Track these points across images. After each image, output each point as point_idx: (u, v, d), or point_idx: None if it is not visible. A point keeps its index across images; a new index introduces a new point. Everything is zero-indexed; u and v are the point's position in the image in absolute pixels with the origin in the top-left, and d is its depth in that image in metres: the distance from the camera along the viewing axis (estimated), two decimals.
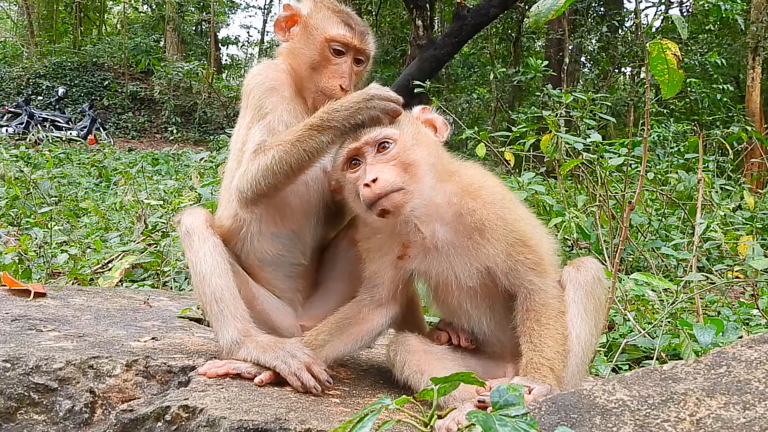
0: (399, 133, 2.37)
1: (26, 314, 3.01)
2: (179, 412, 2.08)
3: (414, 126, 2.46)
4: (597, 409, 1.52)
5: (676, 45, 3.37)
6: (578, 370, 2.32)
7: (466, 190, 2.43)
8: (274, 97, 2.68)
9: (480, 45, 27.25)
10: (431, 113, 2.58)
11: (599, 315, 2.42)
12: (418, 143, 2.40)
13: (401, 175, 2.31)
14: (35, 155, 14.49)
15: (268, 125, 2.61)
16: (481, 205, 2.39)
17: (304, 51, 2.72)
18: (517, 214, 2.47)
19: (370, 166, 2.32)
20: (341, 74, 2.70)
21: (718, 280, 4.79)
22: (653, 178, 8.69)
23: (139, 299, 3.71)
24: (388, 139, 2.35)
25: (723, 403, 1.45)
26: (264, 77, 2.74)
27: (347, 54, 2.73)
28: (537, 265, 2.40)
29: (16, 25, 40.72)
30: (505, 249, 2.37)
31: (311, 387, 2.39)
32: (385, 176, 2.28)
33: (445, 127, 2.56)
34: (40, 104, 25.86)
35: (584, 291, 2.38)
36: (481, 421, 1.46)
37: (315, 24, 2.74)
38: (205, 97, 28.52)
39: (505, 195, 2.51)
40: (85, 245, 6.48)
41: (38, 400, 2.29)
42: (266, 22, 43.23)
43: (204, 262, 2.56)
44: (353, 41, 2.72)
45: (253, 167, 2.50)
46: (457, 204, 2.41)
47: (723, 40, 21.87)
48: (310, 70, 2.71)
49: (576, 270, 2.43)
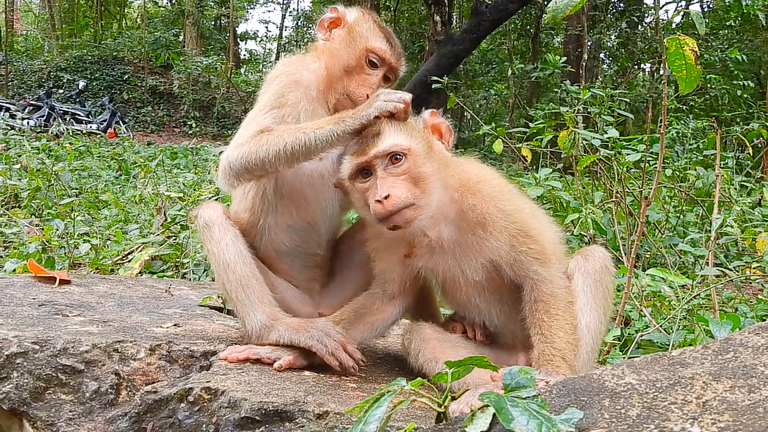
0: (410, 145, 2.35)
1: (52, 300, 3.09)
2: (202, 393, 2.14)
3: (424, 137, 2.44)
4: (606, 392, 1.57)
5: (694, 40, 3.39)
6: (589, 357, 2.37)
7: (465, 186, 2.44)
8: (298, 92, 2.73)
9: (498, 41, 27.21)
10: (438, 118, 2.56)
11: (608, 303, 2.45)
12: (429, 155, 2.39)
13: (412, 189, 2.31)
14: (56, 148, 14.66)
15: (282, 116, 2.66)
16: (480, 199, 2.41)
17: (342, 54, 2.80)
18: (517, 205, 2.49)
19: (382, 181, 2.30)
20: (370, 84, 2.78)
21: (735, 275, 4.79)
22: (671, 175, 8.67)
23: (161, 288, 3.79)
24: (400, 152, 2.32)
25: (729, 386, 1.49)
26: (294, 69, 2.82)
27: (381, 68, 2.82)
28: (540, 254, 2.41)
29: (38, 19, 41.19)
30: (508, 240, 2.39)
31: (350, 367, 2.45)
32: (397, 192, 2.27)
33: (450, 133, 2.55)
34: (60, 97, 26.10)
35: (593, 280, 2.41)
36: (494, 402, 1.51)
37: (359, 32, 2.84)
38: (224, 91, 28.69)
39: (503, 187, 2.52)
40: (105, 237, 6.58)
41: (66, 381, 2.37)
42: (284, 17, 43.37)
43: (227, 251, 2.61)
44: (390, 58, 2.83)
45: (252, 143, 2.54)
46: (459, 201, 2.43)
47: (744, 36, 21.66)
48: (343, 72, 2.79)
49: (584, 259, 2.46)
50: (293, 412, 2.02)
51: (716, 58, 18.11)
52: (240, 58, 38.53)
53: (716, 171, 5.57)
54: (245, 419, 2.02)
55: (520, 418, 1.46)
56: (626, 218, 6.30)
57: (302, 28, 41.51)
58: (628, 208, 6.31)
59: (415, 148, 2.35)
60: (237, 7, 36.66)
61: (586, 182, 8.36)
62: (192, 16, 32.41)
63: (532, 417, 1.46)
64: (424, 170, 2.34)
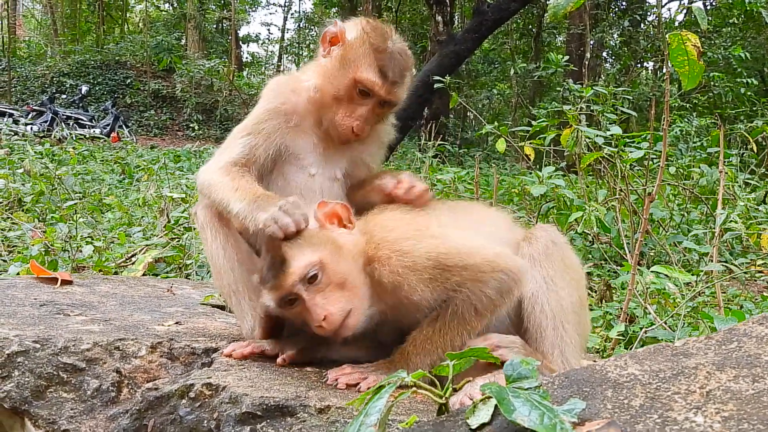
0: (320, 257, 2.18)
1: (54, 300, 3.09)
2: (203, 389, 2.14)
3: (326, 237, 2.27)
4: (609, 383, 1.55)
5: (697, 36, 3.38)
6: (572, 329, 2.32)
7: (370, 258, 2.27)
8: (276, 121, 2.63)
9: (500, 41, 27.21)
10: (328, 205, 2.36)
11: (567, 274, 2.37)
12: (339, 253, 2.24)
13: (342, 295, 2.19)
14: (59, 152, 14.69)
15: (252, 146, 2.59)
16: (384, 265, 2.24)
17: (334, 78, 2.61)
18: (425, 243, 2.27)
19: (312, 305, 2.16)
20: (358, 116, 2.59)
21: (740, 271, 4.78)
22: (675, 173, 8.64)
23: (163, 287, 3.78)
24: (313, 269, 2.16)
25: (733, 376, 1.48)
26: (280, 92, 2.70)
27: (372, 98, 2.60)
28: (471, 274, 2.24)
29: (40, 25, 41.36)
30: (431, 286, 2.23)
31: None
32: (331, 309, 2.15)
33: (347, 210, 2.37)
34: (63, 102, 26.22)
35: (540, 262, 2.34)
36: (495, 393, 1.50)
37: (352, 57, 2.60)
38: (226, 94, 28.79)
39: (406, 231, 2.33)
40: (109, 240, 6.58)
41: (67, 379, 2.36)
42: (286, 19, 43.49)
43: (218, 256, 2.60)
44: (380, 91, 2.58)
45: (214, 178, 2.53)
46: (371, 275, 2.27)
47: (747, 34, 21.63)
48: (332, 99, 2.61)
49: (528, 244, 2.39)
50: (294, 407, 2.01)
51: (719, 55, 18.07)
52: (242, 60, 38.61)
53: (720, 167, 5.55)
54: (246, 414, 2.01)
55: (522, 409, 1.44)
56: (630, 216, 6.28)
57: (304, 30, 41.62)
58: (631, 205, 6.29)
59: (325, 256, 2.20)
60: (239, 10, 36.76)
61: (590, 180, 8.34)
62: (194, 19, 32.52)
63: (534, 408, 1.44)
64: (343, 272, 2.21)
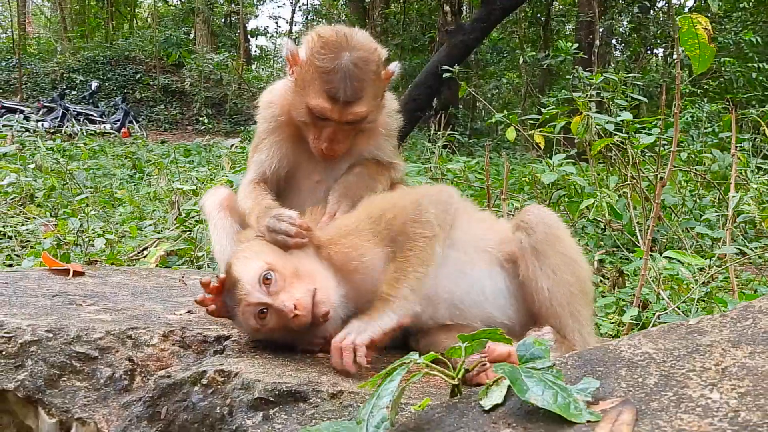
0: (264, 260, 2.22)
1: (66, 290, 3.10)
2: (215, 376, 2.13)
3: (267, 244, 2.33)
4: (623, 362, 1.54)
5: (707, 19, 3.34)
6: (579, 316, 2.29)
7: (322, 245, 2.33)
8: (273, 137, 2.67)
9: (509, 30, 27.09)
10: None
11: (568, 257, 2.33)
12: (284, 252, 2.28)
13: (302, 282, 2.19)
14: (70, 148, 14.75)
15: (261, 163, 2.67)
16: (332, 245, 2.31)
17: (294, 103, 2.54)
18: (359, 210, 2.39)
19: (278, 303, 2.14)
20: (324, 139, 2.50)
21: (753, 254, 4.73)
22: (687, 159, 8.58)
23: (175, 278, 3.79)
24: (263, 271, 2.18)
25: (748, 352, 1.46)
26: (271, 105, 2.72)
27: (331, 120, 2.48)
28: (402, 211, 2.26)
29: (50, 21, 41.49)
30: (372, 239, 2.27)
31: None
32: (296, 294, 2.14)
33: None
34: (74, 99, 26.31)
35: (544, 253, 2.30)
36: (508, 373, 1.49)
37: (303, 81, 2.48)
38: (236, 88, 28.79)
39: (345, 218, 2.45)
40: (120, 233, 6.61)
41: (80, 368, 2.37)
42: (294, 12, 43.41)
43: (220, 247, 2.65)
44: (333, 115, 2.44)
45: (239, 197, 2.67)
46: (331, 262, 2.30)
47: (758, 18, 21.40)
48: (300, 122, 2.55)
49: (526, 234, 2.34)
50: (307, 392, 2.00)
51: (730, 40, 17.88)
52: (251, 54, 38.58)
53: (732, 152, 5.50)
54: (259, 400, 2.01)
55: (535, 389, 1.43)
56: (642, 202, 6.23)
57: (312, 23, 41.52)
58: (643, 192, 6.25)
59: (269, 258, 2.23)
60: (247, 4, 36.72)
61: (601, 167, 8.29)
62: (202, 13, 32.49)
63: (548, 387, 1.43)
64: (293, 262, 2.24)
